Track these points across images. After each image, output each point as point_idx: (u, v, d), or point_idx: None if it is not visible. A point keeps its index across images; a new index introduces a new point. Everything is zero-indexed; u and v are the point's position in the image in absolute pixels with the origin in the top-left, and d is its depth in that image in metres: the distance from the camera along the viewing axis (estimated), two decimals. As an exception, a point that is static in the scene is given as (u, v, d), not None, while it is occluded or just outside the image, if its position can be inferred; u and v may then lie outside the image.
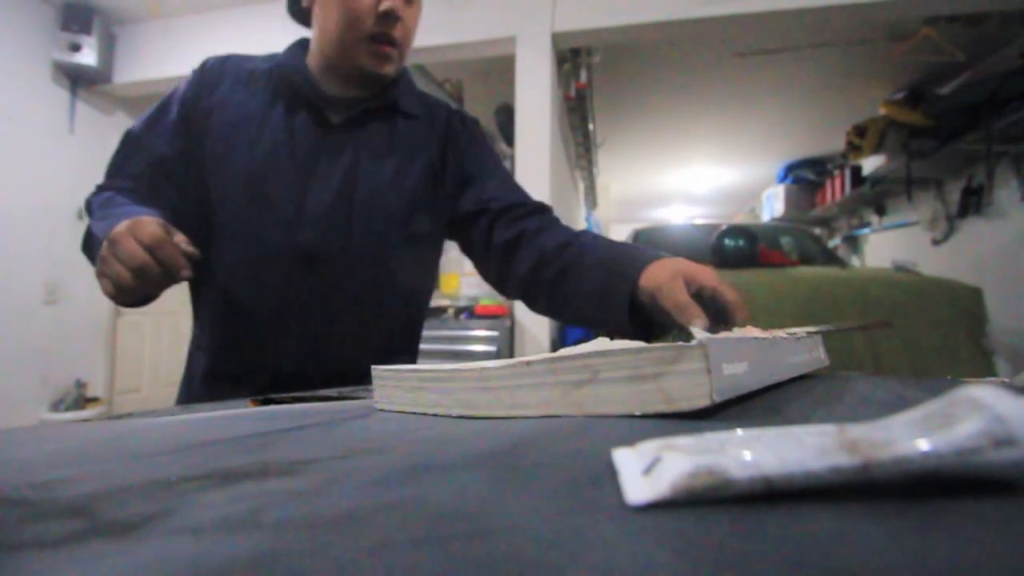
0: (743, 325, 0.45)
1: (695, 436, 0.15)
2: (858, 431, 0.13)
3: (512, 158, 2.23)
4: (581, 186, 4.38)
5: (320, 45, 0.69)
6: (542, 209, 0.71)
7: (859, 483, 0.12)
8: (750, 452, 0.13)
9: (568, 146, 3.25)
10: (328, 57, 0.69)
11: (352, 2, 0.64)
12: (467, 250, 0.76)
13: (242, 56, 0.73)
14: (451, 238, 0.77)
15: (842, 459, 0.12)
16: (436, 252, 0.79)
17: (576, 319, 0.63)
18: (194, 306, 0.74)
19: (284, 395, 0.46)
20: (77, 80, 2.76)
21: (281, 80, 0.69)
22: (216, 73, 0.70)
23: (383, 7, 0.64)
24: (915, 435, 0.12)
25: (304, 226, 0.66)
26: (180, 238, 0.52)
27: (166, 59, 2.72)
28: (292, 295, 0.66)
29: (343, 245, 0.67)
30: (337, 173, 0.67)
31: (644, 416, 0.24)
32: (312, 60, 0.71)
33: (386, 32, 0.65)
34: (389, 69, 0.68)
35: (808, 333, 0.46)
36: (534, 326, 2.22)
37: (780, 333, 0.42)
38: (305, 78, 0.69)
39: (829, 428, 0.13)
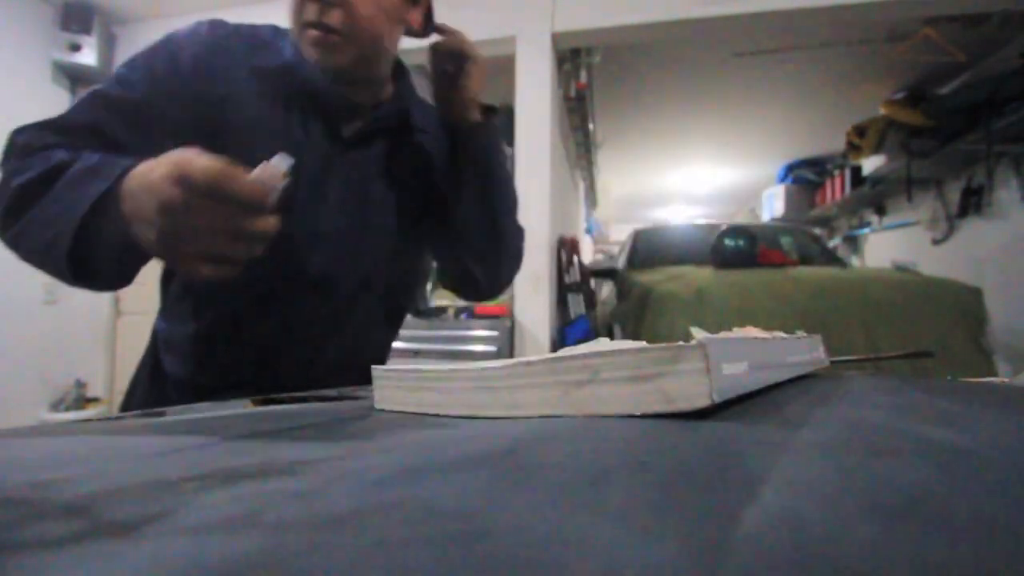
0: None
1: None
2: None
3: (512, 158, 2.24)
4: (581, 186, 4.38)
5: None
6: None
7: None
8: None
9: (568, 146, 3.25)
10: None
11: None
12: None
13: (248, 30, 0.64)
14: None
15: None
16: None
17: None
18: (171, 304, 0.67)
19: (284, 395, 0.46)
20: (77, 80, 2.76)
21: (300, 82, 0.62)
22: (229, 54, 0.61)
23: None
24: None
25: (314, 251, 0.62)
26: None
27: (166, 59, 2.71)
28: (294, 316, 0.64)
29: (351, 269, 0.65)
30: (348, 196, 0.64)
31: (644, 416, 0.24)
32: None
33: (316, 20, 0.57)
34: (331, 59, 0.59)
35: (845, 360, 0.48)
36: (534, 326, 2.22)
37: (780, 333, 0.42)
38: (323, 84, 0.62)
39: None
